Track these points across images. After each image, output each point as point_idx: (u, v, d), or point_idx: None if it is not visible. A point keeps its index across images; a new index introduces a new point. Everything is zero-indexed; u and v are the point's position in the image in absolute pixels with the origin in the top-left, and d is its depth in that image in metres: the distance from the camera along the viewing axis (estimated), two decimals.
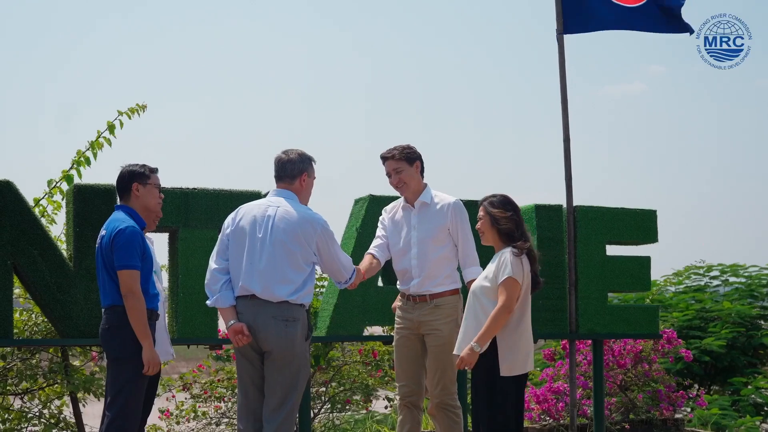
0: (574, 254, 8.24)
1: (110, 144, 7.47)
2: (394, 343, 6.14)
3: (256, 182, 5.85)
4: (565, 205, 8.32)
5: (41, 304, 6.69)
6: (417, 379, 5.98)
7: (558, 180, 8.13)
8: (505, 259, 5.39)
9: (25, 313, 7.34)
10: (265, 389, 5.26)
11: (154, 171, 5.56)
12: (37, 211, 7.33)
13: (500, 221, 5.48)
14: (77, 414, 7.27)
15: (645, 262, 8.57)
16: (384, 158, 6.07)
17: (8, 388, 7.29)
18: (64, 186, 7.45)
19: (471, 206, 7.72)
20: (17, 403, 7.45)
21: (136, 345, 5.23)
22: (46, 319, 7.07)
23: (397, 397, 6.09)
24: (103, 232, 5.37)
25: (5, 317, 6.49)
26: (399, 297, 6.17)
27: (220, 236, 5.39)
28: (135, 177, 5.47)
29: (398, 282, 6.20)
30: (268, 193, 5.57)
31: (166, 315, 6.45)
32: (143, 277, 5.30)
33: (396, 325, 6.11)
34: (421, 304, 5.96)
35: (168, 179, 6.21)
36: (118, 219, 5.38)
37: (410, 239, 6.02)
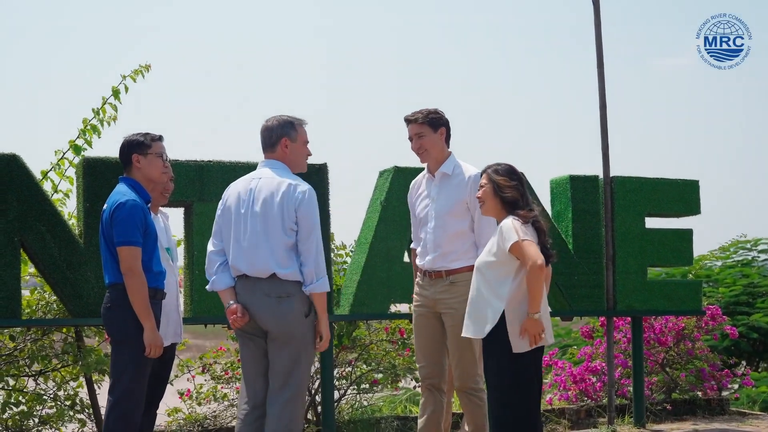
0: (612, 227, 7.92)
1: (116, 110, 7.17)
2: (412, 322, 5.80)
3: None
4: (601, 176, 7.98)
5: (51, 283, 6.44)
6: (437, 359, 5.62)
7: (594, 151, 7.83)
8: (507, 225, 5.02)
9: (37, 291, 7.09)
10: (270, 375, 4.97)
11: (157, 139, 5.23)
12: (48, 185, 7.06)
13: (504, 189, 5.09)
14: (92, 396, 7.03)
15: (687, 235, 8.21)
16: (407, 121, 5.68)
17: (22, 369, 7.05)
18: (74, 158, 7.16)
19: None
20: (30, 385, 7.22)
21: (137, 326, 4.94)
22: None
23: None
24: (105, 206, 5.08)
25: (12, 296, 6.24)
26: (417, 273, 5.81)
27: (215, 217, 5.10)
28: (134, 147, 5.16)
29: (417, 257, 5.85)
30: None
31: (181, 295, 6.16)
32: (146, 254, 5.00)
33: (414, 303, 5.76)
34: (437, 280, 5.58)
35: (182, 151, 5.90)
36: (119, 192, 5.08)
37: (428, 212, 5.66)
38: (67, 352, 6.94)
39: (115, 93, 7.18)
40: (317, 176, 7.05)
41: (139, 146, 5.16)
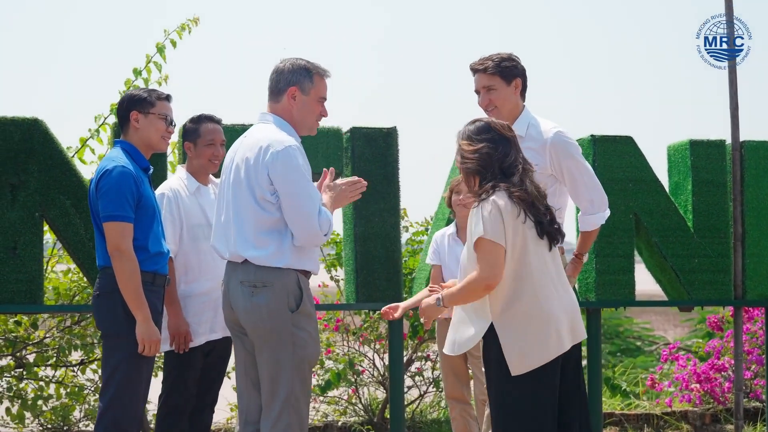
0: (741, 201, 6.80)
1: (160, 70, 6.40)
2: None
3: (336, 120, 4.64)
4: (729, 141, 6.85)
5: (77, 263, 5.74)
6: None
7: (721, 112, 6.83)
8: (475, 211, 3.90)
9: (72, 272, 6.41)
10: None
11: (164, 98, 4.39)
12: (89, 153, 6.35)
13: (466, 159, 3.95)
14: None
15: None
16: (474, 70, 4.59)
17: (51, 358, 6.39)
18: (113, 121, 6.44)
19: (612, 142, 6.48)
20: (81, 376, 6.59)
21: (130, 318, 4.12)
22: None
23: None
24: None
25: (33, 280, 5.54)
26: None
27: None
28: (134, 104, 4.33)
29: None
30: None
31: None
32: (140, 231, 4.18)
33: None
34: None
35: (238, 114, 5.06)
36: (109, 158, 4.28)
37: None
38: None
39: (160, 50, 6.40)
40: (384, 142, 6.16)
41: (140, 103, 4.33)
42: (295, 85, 4.06)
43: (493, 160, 3.90)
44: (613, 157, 6.48)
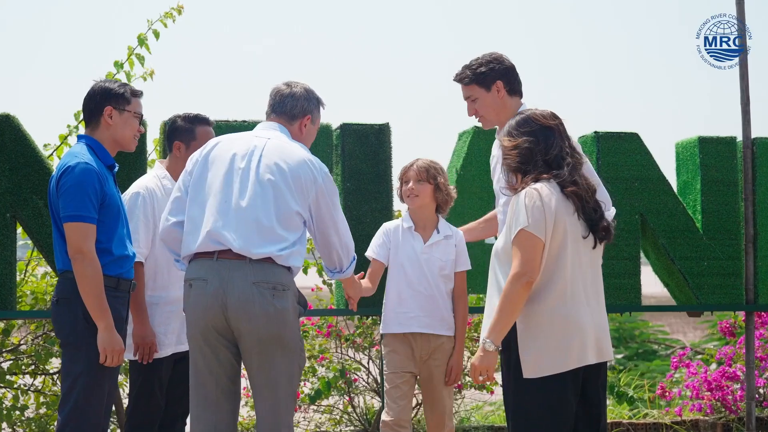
0: (753, 201, 6.57)
1: (143, 63, 6.10)
2: None
3: (326, 115, 4.41)
4: (740, 138, 6.61)
5: (52, 266, 5.48)
6: None
7: (731, 108, 6.61)
8: (519, 200, 3.62)
9: (50, 276, 6.13)
10: (253, 394, 3.82)
11: (138, 95, 4.16)
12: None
13: (507, 155, 3.72)
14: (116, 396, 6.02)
15: None
16: (456, 81, 4.52)
17: (27, 366, 6.12)
18: None
19: (616, 139, 6.22)
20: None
21: (91, 326, 3.85)
22: None
23: None
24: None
25: (4, 284, 5.30)
26: None
27: (180, 178, 3.99)
28: (109, 98, 4.07)
29: None
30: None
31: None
32: (104, 233, 3.92)
33: None
34: None
35: (226, 111, 4.82)
36: (71, 154, 4.02)
37: (498, 183, 4.47)
38: None
39: (141, 41, 6.11)
40: (376, 139, 5.90)
41: (115, 98, 4.09)
42: (309, 114, 4.09)
43: (535, 154, 3.68)
44: (618, 155, 6.25)
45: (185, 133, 4.60)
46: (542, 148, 3.67)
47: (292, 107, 4.03)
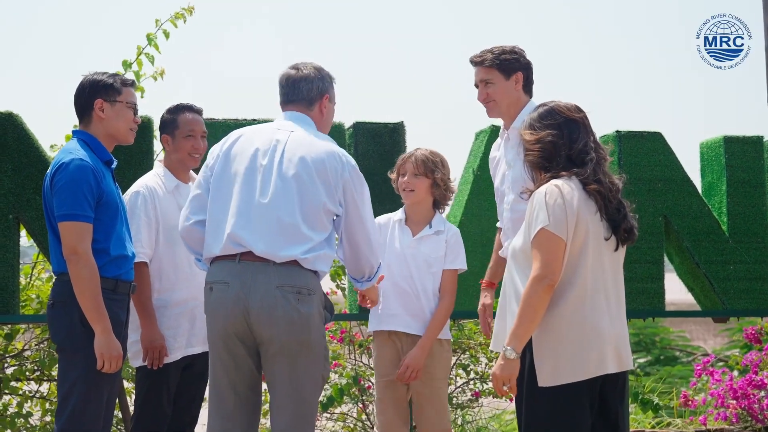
0: None
1: (152, 62, 5.96)
2: None
3: (338, 114, 4.28)
4: (767, 137, 6.42)
5: None
6: None
7: (757, 107, 6.56)
8: (539, 197, 3.43)
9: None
10: (270, 402, 3.63)
11: (129, 84, 3.98)
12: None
13: (528, 150, 3.52)
14: (123, 402, 5.86)
15: None
16: (473, 63, 4.37)
17: (32, 372, 5.99)
18: None
19: (639, 138, 6.01)
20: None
21: (88, 330, 3.69)
22: None
23: None
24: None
25: (6, 287, 5.15)
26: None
27: (199, 176, 3.82)
28: (98, 90, 3.90)
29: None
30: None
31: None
32: (101, 233, 3.75)
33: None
34: None
35: (230, 110, 4.65)
36: (65, 150, 3.86)
37: (504, 182, 4.35)
38: None
39: (150, 40, 5.97)
40: (390, 138, 5.77)
41: (105, 89, 3.91)
42: (326, 93, 3.88)
43: (559, 148, 3.48)
44: (641, 155, 6.06)
45: (169, 124, 4.48)
46: (566, 142, 3.49)
47: (308, 91, 3.83)
